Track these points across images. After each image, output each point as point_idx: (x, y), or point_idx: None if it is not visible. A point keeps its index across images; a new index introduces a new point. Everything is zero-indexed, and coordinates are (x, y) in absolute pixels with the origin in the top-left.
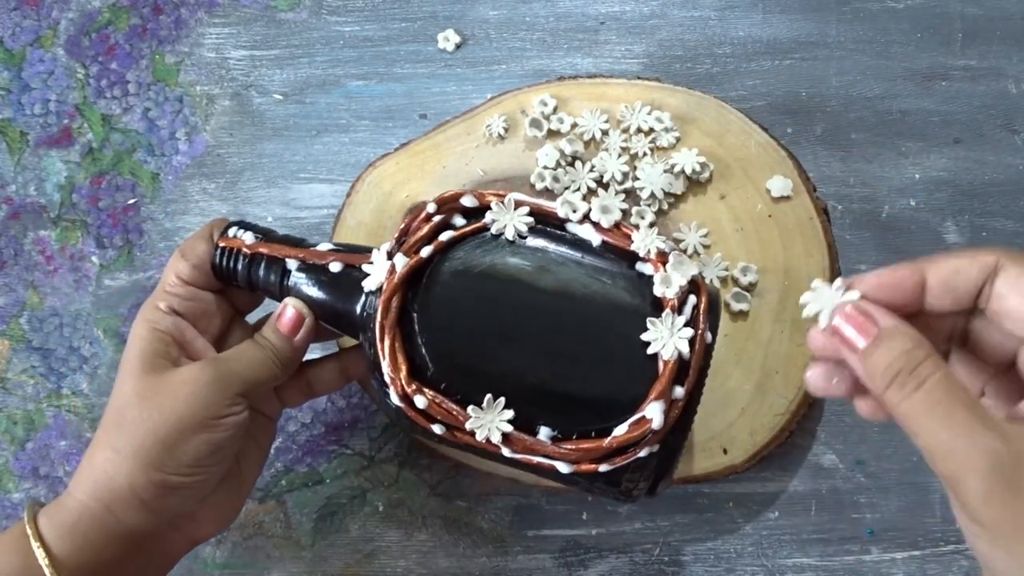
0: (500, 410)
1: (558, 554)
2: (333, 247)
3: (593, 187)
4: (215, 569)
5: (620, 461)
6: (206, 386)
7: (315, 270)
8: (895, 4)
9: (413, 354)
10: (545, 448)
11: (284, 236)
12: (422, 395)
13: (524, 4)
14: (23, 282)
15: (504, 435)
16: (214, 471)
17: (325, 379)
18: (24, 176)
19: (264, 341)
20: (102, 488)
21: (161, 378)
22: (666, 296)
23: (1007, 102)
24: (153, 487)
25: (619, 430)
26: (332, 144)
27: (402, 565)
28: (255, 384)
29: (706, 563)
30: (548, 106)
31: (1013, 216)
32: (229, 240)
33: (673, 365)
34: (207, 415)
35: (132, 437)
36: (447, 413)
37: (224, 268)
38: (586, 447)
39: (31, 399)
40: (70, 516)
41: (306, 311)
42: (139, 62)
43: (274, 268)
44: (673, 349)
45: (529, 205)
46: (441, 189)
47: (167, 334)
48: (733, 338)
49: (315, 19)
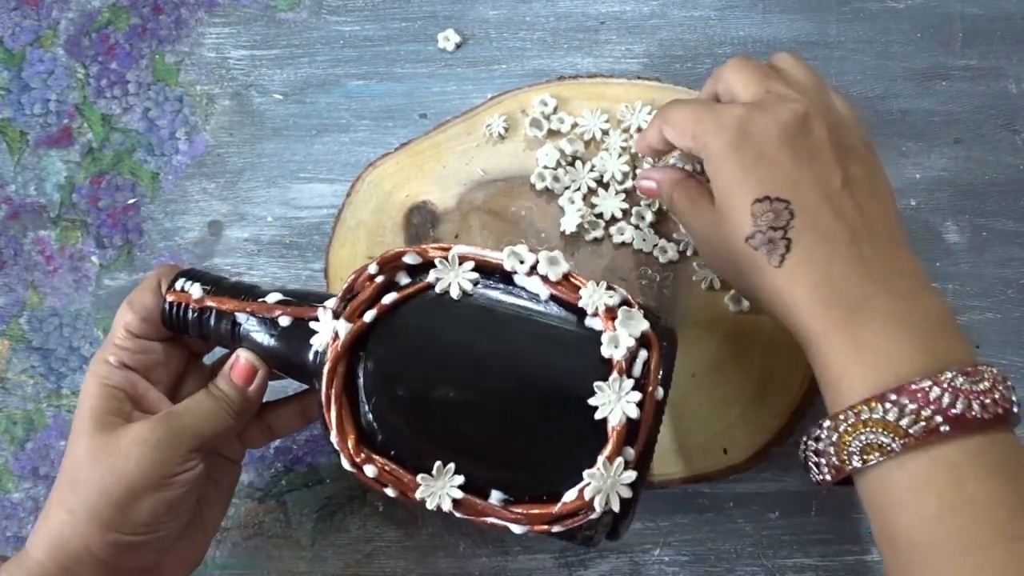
0: (450, 476)
1: (558, 554)
2: (281, 299)
3: (593, 187)
4: (215, 569)
5: (572, 523)
6: (156, 446)
7: (265, 322)
8: (895, 4)
9: (361, 419)
10: (496, 512)
11: (234, 284)
12: (371, 464)
13: (524, 4)
14: (23, 282)
15: (454, 501)
16: (172, 526)
17: (285, 421)
18: (24, 176)
19: (218, 392)
20: (58, 550)
21: (112, 436)
22: (614, 358)
23: (1007, 102)
24: (109, 547)
25: (568, 495)
26: (332, 144)
27: (402, 565)
28: (209, 437)
29: (706, 563)
30: (548, 106)
31: (1013, 216)
32: (176, 294)
33: (622, 430)
34: (159, 474)
35: (86, 499)
36: (397, 481)
37: (173, 320)
38: (536, 512)
39: (31, 399)
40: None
41: (258, 362)
42: (139, 62)
43: (224, 320)
44: (621, 415)
45: (474, 259)
46: (441, 189)
47: (118, 389)
48: (733, 338)
49: (315, 19)
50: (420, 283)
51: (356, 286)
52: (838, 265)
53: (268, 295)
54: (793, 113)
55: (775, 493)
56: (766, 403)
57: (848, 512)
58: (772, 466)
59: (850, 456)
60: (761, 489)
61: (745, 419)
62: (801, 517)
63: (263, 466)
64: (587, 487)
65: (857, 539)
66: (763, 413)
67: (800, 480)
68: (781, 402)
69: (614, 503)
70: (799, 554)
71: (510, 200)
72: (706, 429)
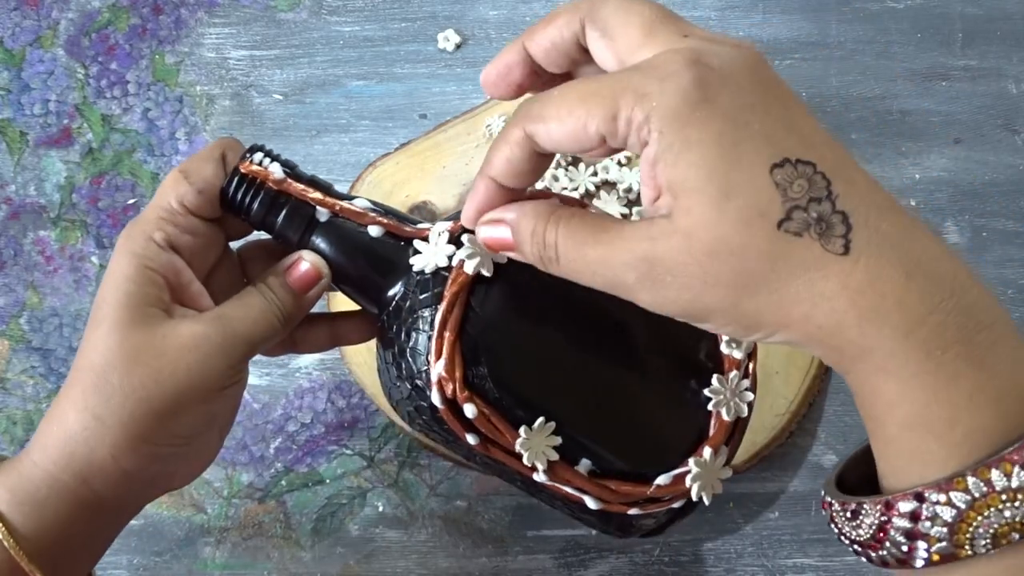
0: (549, 435)
1: (558, 554)
2: (372, 206)
3: (593, 190)
4: (215, 569)
5: (652, 508)
6: (210, 355)
7: (347, 229)
8: (895, 4)
9: (466, 357)
10: (584, 483)
11: (311, 177)
12: (473, 404)
13: (524, 4)
14: (23, 282)
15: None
16: (208, 437)
17: (313, 339)
18: (24, 176)
19: (270, 295)
20: (79, 460)
21: (154, 335)
22: (732, 356)
23: (1007, 102)
24: (140, 459)
25: (662, 479)
26: (332, 144)
27: (402, 565)
28: (258, 345)
29: (706, 563)
30: None
31: (1013, 216)
32: (252, 168)
33: (729, 425)
34: (209, 387)
35: (120, 406)
36: (494, 429)
37: (237, 201)
38: (627, 490)
39: (31, 399)
40: (31, 485)
41: (325, 270)
42: (139, 62)
43: (299, 215)
44: (733, 410)
45: None
46: (441, 189)
47: (160, 274)
48: None
49: (315, 19)
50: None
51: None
52: (924, 246)
53: (356, 199)
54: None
55: (775, 493)
56: (766, 403)
57: None
58: (772, 466)
59: (975, 540)
60: (761, 489)
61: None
62: (801, 517)
63: (263, 466)
64: (688, 474)
65: None
66: (763, 413)
67: (800, 480)
68: (781, 402)
69: (707, 496)
70: (799, 554)
71: None
72: None
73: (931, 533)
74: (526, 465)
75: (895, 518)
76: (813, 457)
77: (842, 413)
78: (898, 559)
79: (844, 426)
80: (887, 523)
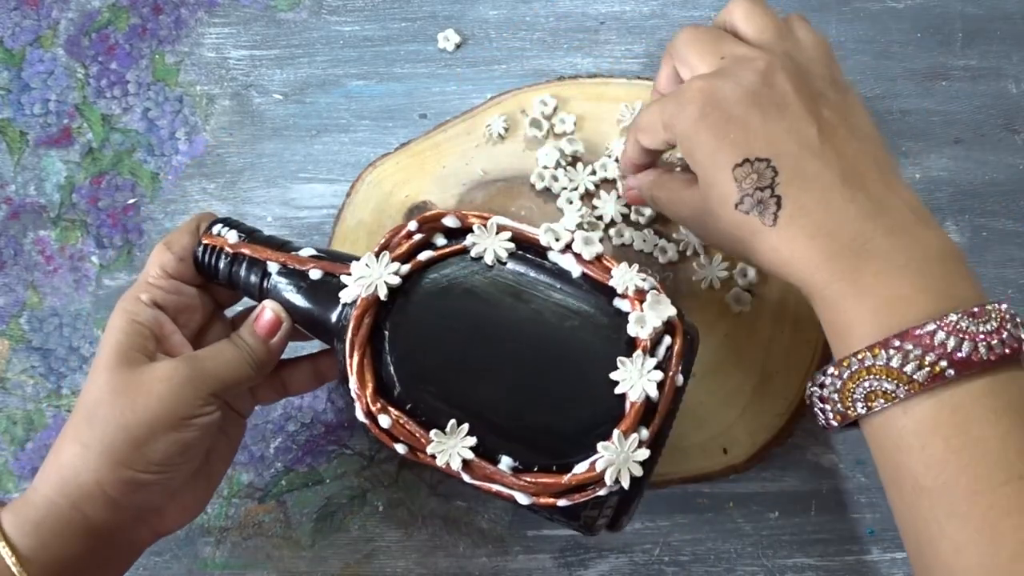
0: (463, 436)
1: (558, 554)
2: (315, 253)
3: (592, 189)
4: (215, 569)
5: (578, 498)
6: (181, 384)
7: (295, 275)
8: (895, 4)
9: (382, 371)
10: (504, 478)
11: (268, 237)
12: (386, 415)
13: (524, 4)
14: (23, 282)
15: (464, 461)
16: (183, 469)
17: (299, 380)
18: (24, 176)
19: (241, 342)
20: (69, 484)
21: (135, 373)
22: (639, 337)
23: (1007, 102)
24: (121, 484)
25: (579, 468)
26: (332, 144)
27: (402, 565)
28: (229, 385)
29: (706, 563)
30: (548, 106)
31: (1013, 216)
32: (212, 238)
33: (640, 407)
34: (180, 414)
35: (103, 433)
36: (410, 435)
37: (206, 264)
38: (545, 481)
39: (31, 399)
40: (35, 512)
41: (284, 315)
42: (139, 62)
43: (255, 269)
44: (641, 391)
45: (511, 230)
46: (441, 189)
47: (146, 327)
48: (733, 338)
49: (315, 19)
50: (456, 245)
51: (392, 242)
52: (831, 212)
53: (302, 249)
54: (753, 72)
55: (775, 493)
56: (766, 403)
57: (848, 512)
58: (772, 466)
59: (854, 403)
60: (761, 489)
61: (745, 419)
62: (801, 517)
63: (263, 466)
64: (599, 459)
65: (857, 539)
66: (763, 413)
67: (800, 480)
68: (781, 402)
69: (624, 479)
70: (799, 554)
71: (510, 200)
72: (706, 429)
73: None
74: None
75: (815, 388)
76: (813, 457)
77: None
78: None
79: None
80: (811, 395)
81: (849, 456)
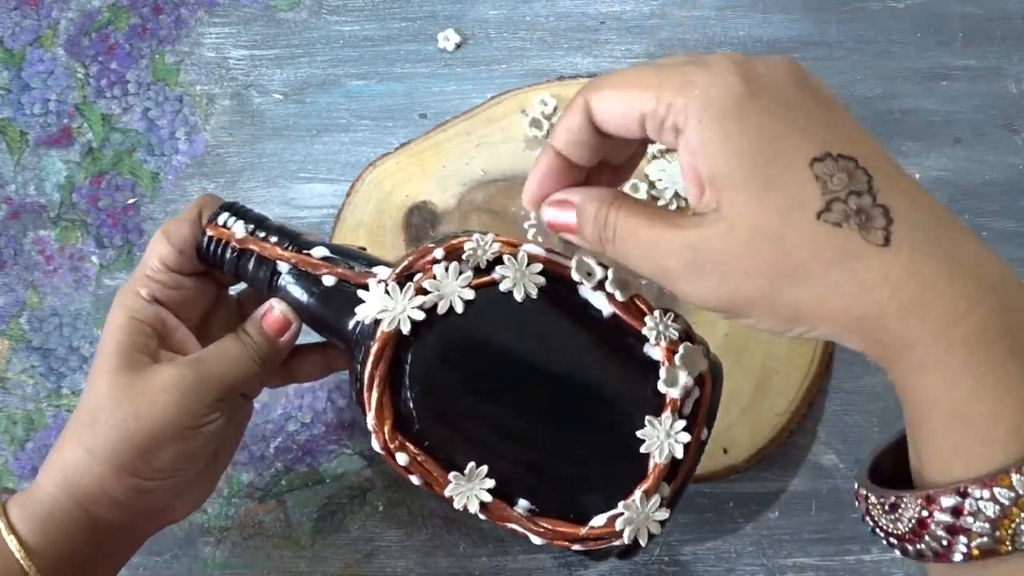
0: (482, 479)
1: (558, 554)
2: (328, 255)
3: None
4: (215, 569)
5: (594, 546)
6: (185, 394)
7: (307, 278)
8: (895, 4)
9: (400, 405)
10: (521, 521)
11: (278, 228)
12: (404, 452)
13: (524, 4)
14: (23, 282)
15: (482, 503)
16: (189, 473)
17: (307, 369)
18: (24, 176)
19: (247, 338)
20: (73, 485)
21: (138, 378)
22: (669, 395)
23: (1007, 102)
24: (126, 490)
25: (597, 520)
26: (332, 144)
27: (402, 565)
28: (235, 385)
29: (706, 563)
30: (548, 106)
31: (1013, 216)
32: (218, 229)
33: (664, 468)
34: (185, 424)
35: (106, 440)
36: (427, 473)
37: (209, 256)
38: (562, 530)
39: (31, 399)
40: (41, 508)
41: (292, 316)
42: (139, 62)
43: (264, 266)
44: (667, 452)
45: (542, 261)
46: (441, 189)
47: (147, 324)
48: (733, 338)
49: (315, 19)
50: (484, 278)
51: (415, 267)
52: (956, 243)
53: (314, 248)
54: (776, 59)
55: (775, 493)
56: (766, 403)
57: (848, 512)
58: (772, 466)
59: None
60: (761, 489)
61: (745, 419)
62: (801, 517)
63: (263, 466)
64: (620, 517)
65: (857, 539)
66: (763, 413)
67: (800, 480)
68: (781, 402)
69: (643, 538)
70: (799, 554)
71: (510, 200)
72: None
73: (973, 528)
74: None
75: (936, 512)
76: (813, 457)
77: (842, 413)
78: (936, 553)
79: (844, 426)
80: (928, 517)
81: (849, 456)
